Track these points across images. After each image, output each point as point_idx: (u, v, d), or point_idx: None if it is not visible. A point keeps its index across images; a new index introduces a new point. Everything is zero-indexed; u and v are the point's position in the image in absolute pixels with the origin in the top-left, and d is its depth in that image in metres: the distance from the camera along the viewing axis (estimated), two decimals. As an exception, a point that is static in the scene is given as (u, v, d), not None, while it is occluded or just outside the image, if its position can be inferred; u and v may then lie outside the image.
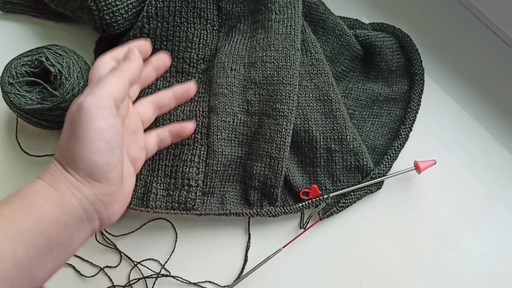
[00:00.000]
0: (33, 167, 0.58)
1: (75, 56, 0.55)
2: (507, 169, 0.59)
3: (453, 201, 0.58)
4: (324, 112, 0.58)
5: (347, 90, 0.61)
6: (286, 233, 0.56)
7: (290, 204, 0.56)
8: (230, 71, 0.57)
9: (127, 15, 0.57)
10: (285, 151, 0.54)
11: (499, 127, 0.61)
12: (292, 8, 0.59)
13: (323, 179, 0.57)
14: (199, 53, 0.60)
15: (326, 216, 0.56)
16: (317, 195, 0.55)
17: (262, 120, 0.56)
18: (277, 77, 0.56)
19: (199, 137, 0.56)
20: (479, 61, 0.64)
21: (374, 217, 0.57)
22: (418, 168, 0.56)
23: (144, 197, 0.54)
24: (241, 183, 0.57)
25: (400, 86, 0.62)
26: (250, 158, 0.56)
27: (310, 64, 0.59)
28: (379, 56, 0.61)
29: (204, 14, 0.60)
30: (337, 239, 0.56)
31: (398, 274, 0.55)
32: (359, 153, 0.57)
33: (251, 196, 0.56)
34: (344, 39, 0.61)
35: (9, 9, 0.64)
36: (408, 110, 0.61)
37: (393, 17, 0.65)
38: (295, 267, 0.55)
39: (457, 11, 0.67)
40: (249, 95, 0.57)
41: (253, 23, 0.61)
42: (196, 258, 0.55)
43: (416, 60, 0.62)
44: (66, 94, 0.53)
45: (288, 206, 0.55)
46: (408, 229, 0.57)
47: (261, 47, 0.58)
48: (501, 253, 0.56)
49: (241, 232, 0.56)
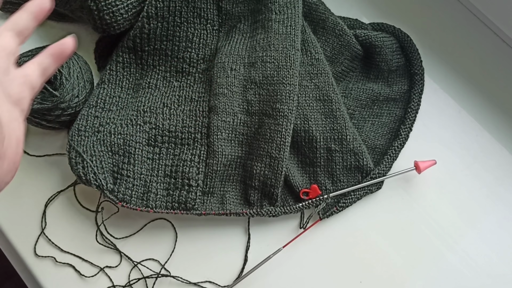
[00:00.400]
0: (33, 167, 0.58)
1: (75, 56, 0.55)
2: (507, 169, 0.59)
3: (453, 201, 0.58)
4: (324, 112, 0.58)
5: (347, 90, 0.61)
6: (286, 233, 0.56)
7: (290, 204, 0.56)
8: (230, 71, 0.57)
9: (127, 15, 0.57)
10: (285, 151, 0.54)
11: (499, 127, 0.61)
12: (292, 8, 0.59)
13: (323, 179, 0.57)
14: (199, 53, 0.60)
15: (326, 216, 0.56)
16: (317, 195, 0.55)
17: (262, 120, 0.56)
18: (277, 77, 0.56)
19: (199, 137, 0.56)
20: (479, 61, 0.64)
21: (374, 217, 0.57)
22: (418, 168, 0.56)
23: (144, 197, 0.54)
24: (241, 183, 0.57)
25: (400, 86, 0.62)
26: (250, 158, 0.56)
27: (310, 64, 0.59)
28: (379, 56, 0.61)
29: (204, 14, 0.60)
30: (337, 239, 0.56)
31: (398, 274, 0.55)
32: (359, 153, 0.57)
33: (251, 196, 0.56)
34: (344, 39, 0.61)
35: (9, 9, 0.64)
36: (408, 110, 0.61)
37: (393, 17, 0.65)
38: (295, 267, 0.55)
39: (457, 11, 0.67)
40: (249, 95, 0.57)
41: (253, 23, 0.61)
42: (196, 258, 0.55)
43: (416, 60, 0.62)
44: (66, 94, 0.53)
45: (288, 206, 0.55)
46: (408, 229, 0.56)
47: (261, 47, 0.58)
48: (501, 253, 0.56)
49: (241, 232, 0.56)
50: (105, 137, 0.55)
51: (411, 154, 0.59)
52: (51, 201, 0.57)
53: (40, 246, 0.55)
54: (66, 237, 0.56)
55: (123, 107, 0.58)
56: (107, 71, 0.60)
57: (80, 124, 0.55)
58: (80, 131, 0.55)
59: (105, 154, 0.54)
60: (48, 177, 0.58)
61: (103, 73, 0.60)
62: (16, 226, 0.56)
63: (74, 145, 0.54)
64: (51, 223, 0.56)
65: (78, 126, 0.55)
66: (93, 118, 0.56)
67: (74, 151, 0.53)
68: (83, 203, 0.57)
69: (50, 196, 0.57)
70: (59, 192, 0.57)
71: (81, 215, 0.57)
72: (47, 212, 0.56)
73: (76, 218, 0.56)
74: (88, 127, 0.55)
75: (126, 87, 0.60)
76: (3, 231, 0.56)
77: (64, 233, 0.56)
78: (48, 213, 0.56)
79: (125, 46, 0.60)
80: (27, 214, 0.56)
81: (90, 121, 0.55)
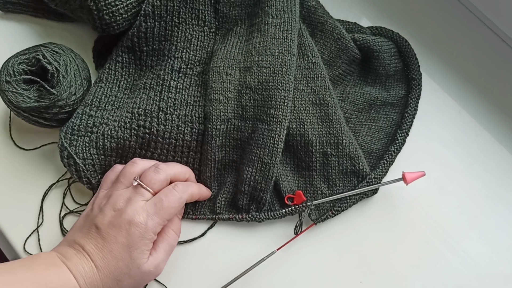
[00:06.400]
0: (29, 162, 0.58)
1: (72, 54, 0.55)
2: (507, 169, 0.59)
3: (453, 201, 0.57)
4: (320, 116, 0.57)
5: (345, 94, 0.61)
6: (286, 233, 0.56)
7: (276, 209, 0.55)
8: (226, 75, 0.57)
9: (127, 15, 0.57)
10: (277, 157, 0.54)
11: (499, 127, 0.61)
12: (289, 12, 0.59)
13: (319, 183, 0.57)
14: (196, 55, 0.60)
15: (321, 221, 0.55)
16: (301, 201, 0.55)
17: (256, 125, 0.55)
18: (272, 82, 0.55)
19: (194, 145, 0.56)
20: (479, 61, 0.64)
21: (374, 217, 0.57)
22: (405, 179, 0.54)
23: None
24: (234, 186, 0.56)
25: (398, 90, 0.62)
26: (242, 163, 0.56)
27: (306, 68, 0.59)
28: (377, 60, 0.61)
29: (202, 15, 0.60)
30: (337, 239, 0.56)
31: (398, 274, 0.54)
32: (355, 157, 0.56)
33: (239, 201, 0.55)
34: (342, 42, 0.60)
35: (9, 9, 0.65)
36: (405, 115, 0.60)
37: (392, 17, 0.65)
38: (295, 267, 0.55)
39: (457, 11, 0.66)
40: (244, 100, 0.56)
41: (249, 26, 0.61)
42: (189, 259, 0.55)
43: (414, 65, 0.62)
44: (63, 92, 0.53)
45: (274, 211, 0.55)
46: (408, 229, 0.56)
47: (257, 52, 0.58)
48: (501, 253, 0.55)
49: (236, 232, 0.56)
50: (98, 140, 0.55)
51: (411, 154, 0.59)
52: (46, 196, 0.57)
53: (38, 243, 0.55)
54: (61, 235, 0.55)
55: (118, 107, 0.58)
56: (105, 70, 0.60)
57: (74, 123, 0.55)
58: (74, 130, 0.55)
59: (97, 157, 0.55)
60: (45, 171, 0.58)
61: (101, 72, 0.60)
62: (13, 223, 0.56)
63: (66, 145, 0.54)
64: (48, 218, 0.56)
65: (72, 124, 0.55)
66: (87, 117, 0.56)
67: (66, 151, 0.54)
68: (81, 196, 0.57)
69: (45, 191, 0.57)
70: (51, 186, 0.57)
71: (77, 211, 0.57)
72: (44, 208, 0.56)
73: (73, 213, 0.56)
74: (81, 126, 0.55)
75: (123, 87, 0.60)
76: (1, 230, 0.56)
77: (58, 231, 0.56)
78: (45, 209, 0.56)
79: (124, 46, 0.60)
80: (24, 211, 0.56)
81: (84, 120, 0.55)
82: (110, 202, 0.49)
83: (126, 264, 0.47)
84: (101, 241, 0.47)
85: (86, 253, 0.47)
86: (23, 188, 0.57)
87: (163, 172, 0.51)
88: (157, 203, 0.49)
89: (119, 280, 0.47)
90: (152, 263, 0.48)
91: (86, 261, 0.46)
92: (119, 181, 0.51)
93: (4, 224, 0.56)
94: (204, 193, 0.55)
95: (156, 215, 0.48)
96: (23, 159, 0.58)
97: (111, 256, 0.46)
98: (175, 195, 0.50)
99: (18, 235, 0.55)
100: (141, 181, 0.50)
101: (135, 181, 0.50)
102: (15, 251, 0.55)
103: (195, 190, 0.53)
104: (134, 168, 0.52)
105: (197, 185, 0.55)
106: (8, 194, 0.57)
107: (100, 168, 0.55)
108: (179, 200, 0.50)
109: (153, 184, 0.50)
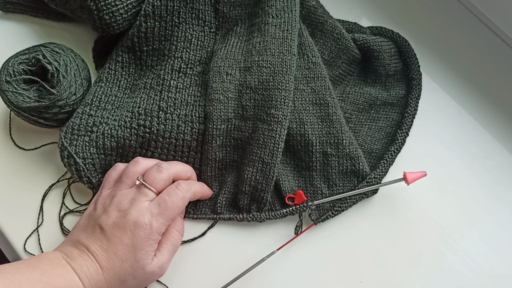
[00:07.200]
0: (29, 162, 0.58)
1: (72, 53, 0.56)
2: (507, 169, 0.59)
3: (453, 201, 0.57)
4: (320, 116, 0.57)
5: (345, 94, 0.61)
6: (286, 233, 0.56)
7: (277, 209, 0.55)
8: (226, 75, 0.57)
9: (127, 15, 0.57)
10: (277, 156, 0.54)
11: (499, 127, 0.61)
12: (289, 12, 0.59)
13: (319, 183, 0.57)
14: (196, 55, 0.60)
15: (321, 221, 0.55)
16: (302, 201, 0.55)
17: (256, 125, 0.55)
18: (273, 82, 0.55)
19: (195, 145, 0.56)
20: (479, 61, 0.64)
21: (374, 216, 0.57)
22: (406, 180, 0.54)
23: None
24: (235, 186, 0.56)
25: (398, 90, 0.62)
26: (243, 163, 0.56)
27: (307, 68, 0.59)
28: (377, 60, 0.61)
29: (202, 15, 0.60)
30: (337, 239, 0.56)
31: (398, 274, 0.54)
32: (355, 157, 0.56)
33: (240, 201, 0.55)
34: (342, 42, 0.60)
35: (9, 9, 0.65)
36: (405, 115, 0.60)
37: (392, 17, 0.65)
38: (295, 267, 0.55)
39: (457, 11, 0.66)
40: (244, 100, 0.56)
41: (249, 26, 0.61)
42: (189, 259, 0.55)
43: (414, 65, 0.62)
44: (63, 92, 0.53)
45: (274, 211, 0.55)
46: (408, 229, 0.56)
47: (257, 51, 0.58)
48: (501, 253, 0.55)
49: (236, 232, 0.56)
50: (98, 139, 0.55)
51: (411, 154, 0.59)
52: (46, 195, 0.57)
53: (39, 243, 0.55)
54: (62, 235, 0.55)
55: (118, 107, 0.58)
56: (105, 70, 0.60)
57: (74, 123, 0.55)
58: (74, 129, 0.55)
59: (98, 156, 0.55)
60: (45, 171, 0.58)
61: (102, 72, 0.60)
62: (13, 223, 0.56)
63: (66, 144, 0.54)
64: (48, 218, 0.56)
65: (72, 124, 0.55)
66: (87, 116, 0.55)
67: (66, 151, 0.54)
68: (81, 196, 0.57)
69: (45, 191, 0.57)
70: (51, 186, 0.57)
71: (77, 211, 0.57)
72: (44, 208, 0.56)
73: (73, 213, 0.56)
74: (81, 126, 0.55)
75: (123, 86, 0.60)
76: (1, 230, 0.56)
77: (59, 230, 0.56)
78: (45, 209, 0.56)
79: (124, 46, 0.60)
80: (24, 211, 0.56)
81: (84, 120, 0.55)
82: (114, 203, 0.49)
83: (131, 265, 0.47)
84: (106, 242, 0.47)
85: (91, 254, 0.47)
86: (23, 188, 0.57)
87: (165, 171, 0.51)
88: (161, 203, 0.49)
89: (123, 281, 0.47)
90: (156, 264, 0.49)
91: (91, 262, 0.46)
92: (122, 180, 0.51)
93: (4, 224, 0.56)
94: (206, 191, 0.55)
95: (161, 216, 0.48)
96: (23, 159, 0.58)
97: (116, 257, 0.47)
98: (178, 194, 0.50)
99: (18, 235, 0.55)
100: (144, 181, 0.50)
101: (138, 181, 0.50)
102: (15, 251, 0.55)
103: (197, 188, 0.53)
104: (137, 167, 0.52)
105: (199, 184, 0.55)
106: (8, 194, 0.57)
107: (100, 167, 0.55)
108: (182, 199, 0.50)
109: (156, 183, 0.50)
